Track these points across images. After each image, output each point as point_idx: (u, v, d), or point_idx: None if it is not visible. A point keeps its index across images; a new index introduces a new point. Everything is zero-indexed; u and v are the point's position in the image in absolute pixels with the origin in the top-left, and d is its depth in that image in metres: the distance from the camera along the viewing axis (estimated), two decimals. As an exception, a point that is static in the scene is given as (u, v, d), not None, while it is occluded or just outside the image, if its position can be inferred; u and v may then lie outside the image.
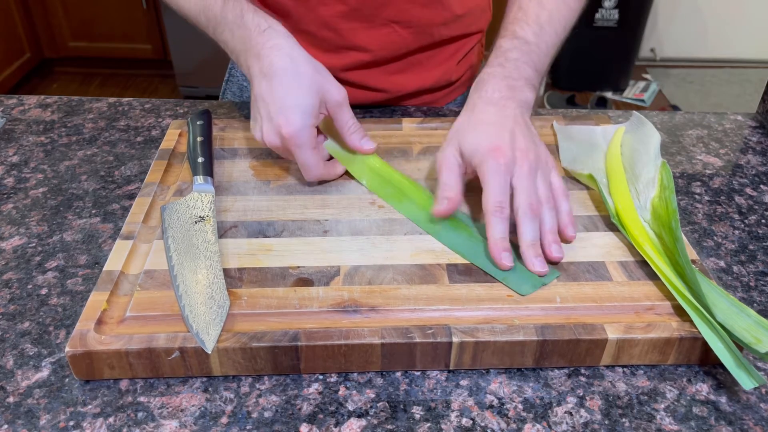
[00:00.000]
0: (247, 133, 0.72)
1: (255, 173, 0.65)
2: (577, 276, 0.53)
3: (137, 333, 0.46)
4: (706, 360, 0.48)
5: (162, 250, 0.54)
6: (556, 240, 0.55)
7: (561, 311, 0.50)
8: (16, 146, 0.75)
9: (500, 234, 0.53)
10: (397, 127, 0.73)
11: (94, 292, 0.50)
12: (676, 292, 0.50)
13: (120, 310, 0.49)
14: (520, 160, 0.55)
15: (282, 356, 0.46)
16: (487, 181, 0.55)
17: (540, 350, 0.47)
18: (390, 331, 0.47)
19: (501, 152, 0.55)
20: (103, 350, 0.45)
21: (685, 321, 0.48)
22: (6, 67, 2.68)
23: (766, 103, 0.83)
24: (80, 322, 0.47)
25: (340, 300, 0.50)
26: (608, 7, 2.69)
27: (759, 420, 0.45)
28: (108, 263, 0.53)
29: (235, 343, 0.45)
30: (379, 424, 0.44)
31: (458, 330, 0.47)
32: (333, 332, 0.46)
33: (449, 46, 0.83)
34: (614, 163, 0.64)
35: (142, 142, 0.75)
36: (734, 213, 0.66)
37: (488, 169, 0.55)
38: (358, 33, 0.77)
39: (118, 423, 0.44)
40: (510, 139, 0.56)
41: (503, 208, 0.54)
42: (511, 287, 0.51)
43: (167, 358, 0.46)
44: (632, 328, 0.47)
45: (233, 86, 0.92)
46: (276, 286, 0.51)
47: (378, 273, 0.53)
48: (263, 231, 0.57)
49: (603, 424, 0.44)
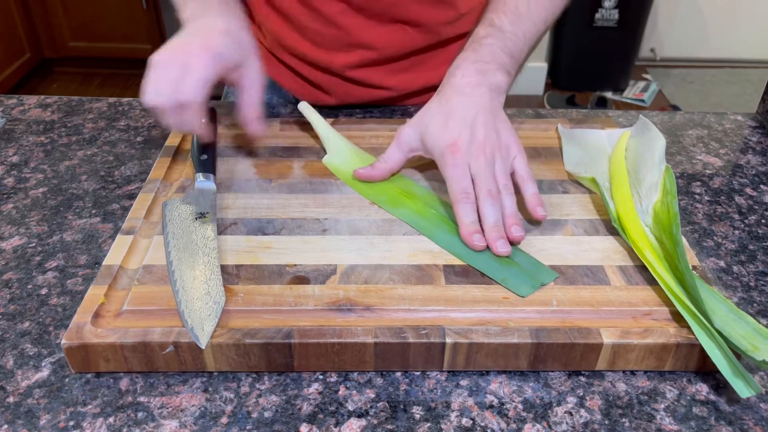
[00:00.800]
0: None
1: (257, 171, 0.66)
2: (574, 279, 0.52)
3: (133, 327, 0.47)
4: (703, 367, 0.48)
5: (162, 245, 0.54)
6: (516, 222, 0.57)
7: (557, 314, 0.49)
8: (16, 146, 0.75)
9: (469, 218, 0.56)
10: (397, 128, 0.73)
11: (93, 285, 0.50)
12: (674, 297, 0.50)
13: (117, 304, 0.49)
14: (476, 153, 0.58)
15: (275, 353, 0.46)
16: (447, 176, 0.59)
17: (534, 353, 0.47)
18: (383, 330, 0.47)
19: (457, 148, 0.58)
20: (99, 343, 0.45)
21: (682, 327, 0.48)
22: (6, 67, 2.68)
23: (766, 103, 0.83)
24: (77, 314, 0.47)
25: (335, 299, 0.50)
26: (608, 7, 2.69)
27: (759, 420, 0.45)
28: (108, 258, 0.53)
29: (229, 339, 0.46)
30: (379, 424, 0.44)
31: (452, 331, 0.47)
32: (326, 331, 0.46)
33: (453, 45, 0.83)
34: (618, 167, 0.64)
35: (142, 142, 0.75)
36: (734, 213, 0.66)
37: (446, 164, 0.59)
38: (365, 30, 0.77)
39: (118, 423, 0.44)
40: (469, 134, 0.59)
41: (468, 194, 0.57)
42: (509, 288, 0.51)
43: (161, 353, 0.46)
44: (628, 333, 0.47)
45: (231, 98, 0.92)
46: (272, 284, 0.51)
47: (374, 272, 0.53)
48: (262, 228, 0.57)
49: (603, 424, 0.44)
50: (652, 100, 2.86)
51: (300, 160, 0.68)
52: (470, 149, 0.58)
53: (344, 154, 0.67)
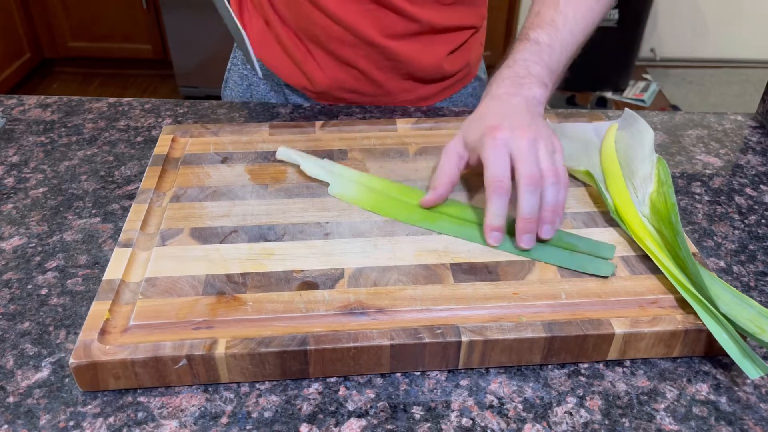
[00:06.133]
0: (241, 136, 0.71)
1: (251, 177, 0.65)
2: (580, 272, 0.53)
3: (142, 342, 0.46)
4: (711, 351, 0.49)
5: (162, 257, 0.54)
6: (552, 220, 0.55)
7: (566, 307, 0.50)
8: (16, 146, 0.75)
9: (497, 211, 0.54)
10: (392, 128, 0.73)
11: (96, 301, 0.49)
12: (678, 284, 0.51)
13: (123, 320, 0.48)
14: (518, 133, 0.55)
15: (291, 361, 0.46)
16: (485, 157, 0.55)
17: (548, 347, 0.47)
18: (399, 332, 0.47)
19: (498, 129, 0.56)
20: (108, 360, 0.44)
21: (689, 313, 0.49)
22: (6, 67, 2.68)
23: (766, 103, 0.83)
24: (83, 332, 0.46)
25: (346, 302, 0.50)
26: (608, 7, 2.69)
27: (759, 420, 0.45)
28: (108, 272, 0.52)
29: (243, 348, 0.45)
30: (379, 424, 0.44)
31: (467, 329, 0.47)
32: (341, 335, 0.46)
33: (440, 36, 0.83)
34: (609, 159, 0.64)
35: (142, 142, 0.75)
36: (734, 213, 0.66)
37: (485, 145, 0.55)
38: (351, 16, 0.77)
39: (118, 423, 0.44)
40: (509, 120, 0.57)
41: (501, 181, 0.54)
42: (592, 273, 0.53)
43: (174, 366, 0.45)
44: (638, 322, 0.48)
45: (234, 75, 0.92)
46: (281, 291, 0.51)
47: (383, 274, 0.53)
48: (264, 235, 0.57)
49: (603, 424, 0.44)
50: (652, 100, 2.86)
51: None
52: (512, 132, 0.55)
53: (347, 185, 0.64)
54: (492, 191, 0.54)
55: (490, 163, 0.55)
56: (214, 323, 0.48)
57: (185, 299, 0.50)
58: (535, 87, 0.62)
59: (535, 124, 0.58)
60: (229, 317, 0.48)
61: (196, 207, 0.60)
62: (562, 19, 0.66)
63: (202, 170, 0.66)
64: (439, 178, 0.59)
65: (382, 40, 0.79)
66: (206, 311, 0.49)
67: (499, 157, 0.55)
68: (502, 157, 0.55)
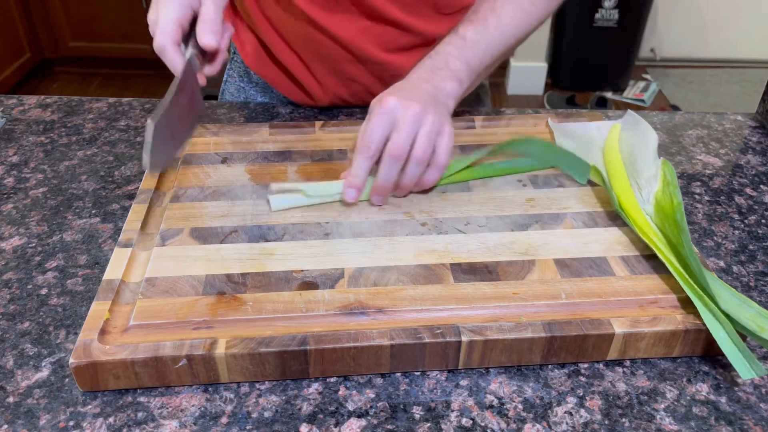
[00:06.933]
0: (241, 136, 0.71)
1: (251, 177, 0.65)
2: (580, 272, 0.53)
3: (142, 342, 0.46)
4: (711, 351, 0.49)
5: (162, 257, 0.54)
6: (405, 194, 0.59)
7: (566, 307, 0.50)
8: (16, 146, 0.75)
9: (358, 171, 0.58)
10: None
11: (96, 301, 0.49)
12: (682, 280, 0.51)
13: (123, 319, 0.48)
14: (407, 104, 0.57)
15: (291, 360, 0.46)
16: (367, 119, 0.58)
17: (548, 347, 0.47)
18: (398, 332, 0.47)
19: (390, 96, 0.57)
20: (108, 360, 0.44)
21: (689, 313, 0.49)
22: (6, 67, 2.68)
23: (766, 103, 0.83)
24: (83, 332, 0.46)
25: (346, 302, 0.50)
26: (608, 7, 2.69)
27: (759, 420, 0.45)
28: (108, 272, 0.52)
29: (243, 348, 0.45)
30: (379, 424, 0.44)
31: (467, 329, 0.47)
32: (341, 335, 0.46)
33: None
34: (613, 158, 0.65)
35: (142, 142, 0.75)
36: (734, 213, 0.66)
37: (373, 109, 0.58)
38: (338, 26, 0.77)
39: (118, 423, 0.44)
40: (404, 96, 0.58)
41: (369, 145, 0.57)
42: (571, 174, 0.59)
43: (174, 366, 0.45)
44: (638, 322, 0.48)
45: (231, 87, 0.92)
46: (281, 290, 0.51)
47: (383, 274, 0.53)
48: (264, 235, 0.57)
49: (603, 424, 0.44)
50: (652, 100, 2.86)
51: (293, 164, 0.67)
52: (402, 102, 0.57)
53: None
54: (358, 152, 0.57)
55: (368, 125, 0.57)
56: (214, 323, 0.48)
57: (185, 299, 0.50)
58: (449, 80, 0.62)
59: (433, 106, 0.58)
60: (229, 317, 0.48)
61: (196, 207, 0.60)
62: (495, 20, 0.66)
63: (202, 170, 0.66)
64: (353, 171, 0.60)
65: (385, 56, 0.79)
66: (206, 311, 0.49)
67: (379, 123, 0.57)
68: (382, 124, 0.57)
